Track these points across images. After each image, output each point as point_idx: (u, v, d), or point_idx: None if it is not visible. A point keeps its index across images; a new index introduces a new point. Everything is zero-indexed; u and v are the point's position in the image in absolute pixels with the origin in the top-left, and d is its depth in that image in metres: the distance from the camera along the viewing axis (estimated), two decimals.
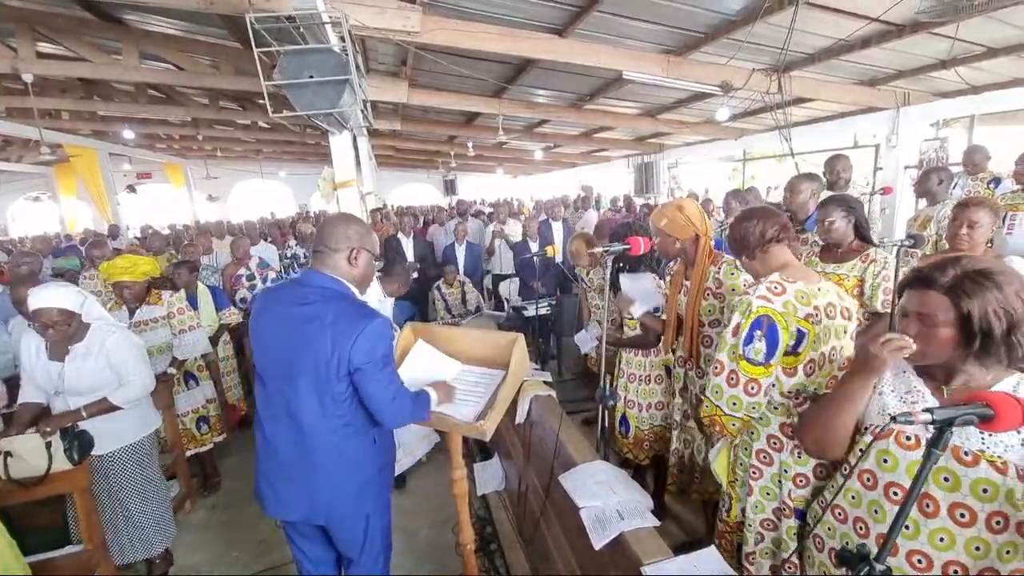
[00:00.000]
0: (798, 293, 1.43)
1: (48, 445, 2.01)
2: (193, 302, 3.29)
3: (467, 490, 1.95)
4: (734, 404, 1.43)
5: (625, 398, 2.55)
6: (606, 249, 1.98)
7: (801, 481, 1.45)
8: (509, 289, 5.48)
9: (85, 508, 2.16)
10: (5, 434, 2.08)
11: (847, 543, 1.24)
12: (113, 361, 2.21)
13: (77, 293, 2.14)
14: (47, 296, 2.05)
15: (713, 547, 1.35)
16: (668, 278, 2.33)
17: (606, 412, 2.00)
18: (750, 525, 1.53)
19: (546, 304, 4.59)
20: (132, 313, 2.85)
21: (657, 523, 1.43)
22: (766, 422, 1.50)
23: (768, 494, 1.51)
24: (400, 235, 5.95)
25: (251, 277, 4.63)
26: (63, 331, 2.10)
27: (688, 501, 2.48)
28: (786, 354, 1.42)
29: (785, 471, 1.46)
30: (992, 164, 4.26)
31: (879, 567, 0.95)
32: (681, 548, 1.37)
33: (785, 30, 3.48)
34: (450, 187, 18.27)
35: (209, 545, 2.77)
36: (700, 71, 4.72)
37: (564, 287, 5.64)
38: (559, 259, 5.84)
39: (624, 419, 2.58)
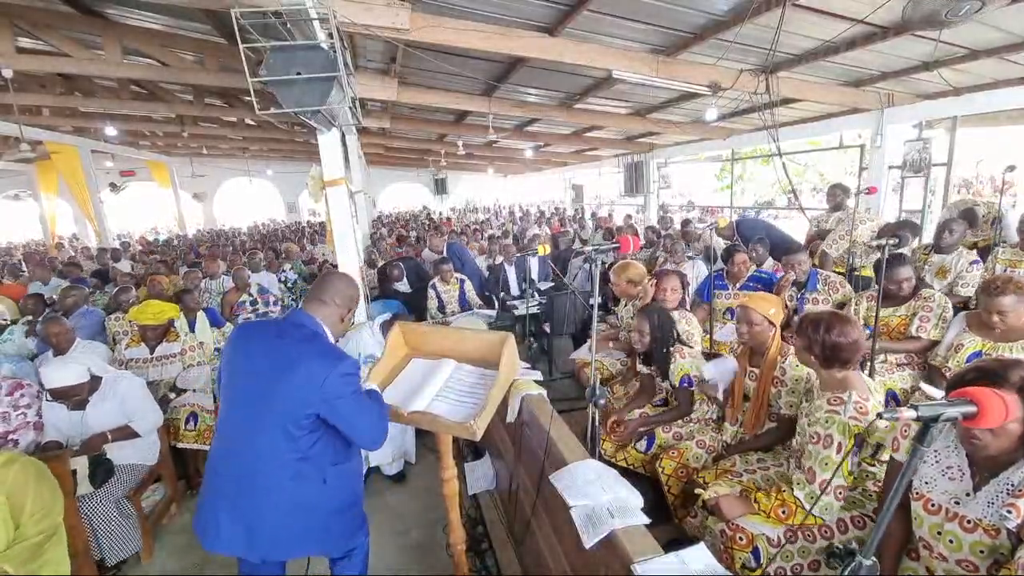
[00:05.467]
0: (872, 409, 1.72)
1: (74, 473, 2.24)
2: (192, 325, 3.74)
3: (458, 490, 1.94)
4: (826, 509, 1.66)
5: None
6: (596, 247, 1.99)
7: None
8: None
9: (67, 513, 2.11)
10: None
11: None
12: (126, 408, 2.59)
13: (80, 367, 2.48)
14: (57, 377, 2.40)
15: (702, 544, 1.36)
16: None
17: (596, 412, 2.00)
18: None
19: (537, 303, 4.59)
20: (153, 349, 3.40)
21: (647, 521, 1.44)
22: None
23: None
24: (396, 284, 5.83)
25: (254, 302, 5.02)
26: (76, 398, 2.49)
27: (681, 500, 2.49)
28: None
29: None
30: (978, 165, 4.34)
31: (866, 562, 0.96)
32: (670, 545, 1.37)
33: (772, 31, 3.51)
34: (440, 186, 18.24)
35: (195, 548, 2.72)
36: (689, 71, 4.75)
37: (556, 286, 5.66)
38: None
39: (651, 437, 2.57)
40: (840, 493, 1.68)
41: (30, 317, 4.26)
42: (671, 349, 2.66)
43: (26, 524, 1.72)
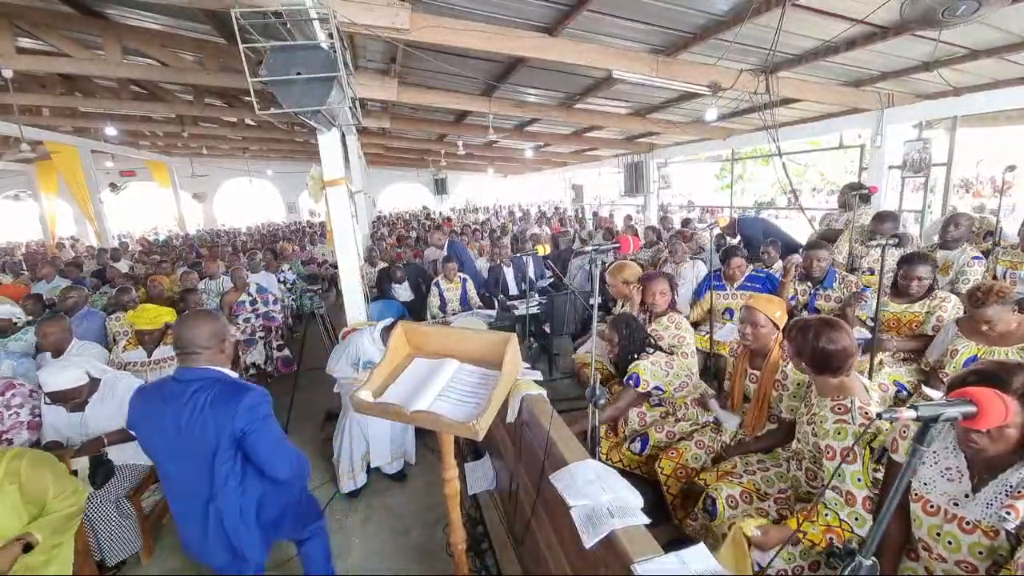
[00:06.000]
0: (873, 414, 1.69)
1: (75, 473, 2.28)
2: None
3: (458, 490, 1.94)
4: (861, 522, 1.61)
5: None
6: (596, 248, 1.99)
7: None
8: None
9: None
10: None
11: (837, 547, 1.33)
12: (126, 409, 2.50)
13: (78, 370, 2.49)
14: (55, 381, 2.42)
15: (702, 544, 1.36)
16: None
17: (596, 412, 2.00)
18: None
19: (536, 303, 4.58)
20: (150, 352, 3.40)
21: (647, 521, 1.44)
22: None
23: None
24: (394, 284, 5.87)
25: (253, 302, 5.05)
26: (75, 401, 2.50)
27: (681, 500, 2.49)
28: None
29: None
30: (978, 165, 4.35)
31: (866, 562, 0.96)
32: (670, 545, 1.38)
33: (772, 31, 3.51)
34: (440, 186, 18.25)
35: None
36: (689, 71, 4.74)
37: (555, 286, 5.66)
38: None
39: (644, 438, 2.56)
40: (867, 504, 1.63)
41: (30, 318, 4.26)
42: (637, 357, 2.64)
43: (52, 503, 1.80)
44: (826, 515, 1.65)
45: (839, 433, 1.67)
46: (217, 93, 7.96)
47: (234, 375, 1.76)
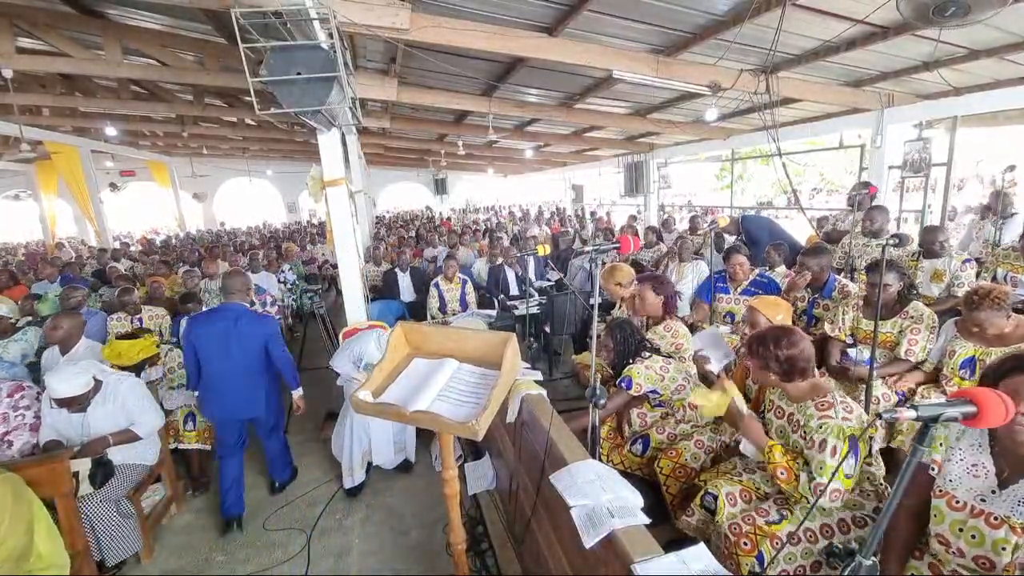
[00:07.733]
0: (856, 408, 1.74)
1: (75, 474, 2.30)
2: None
3: (458, 490, 1.94)
4: (822, 510, 1.69)
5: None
6: (596, 247, 1.99)
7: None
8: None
9: (67, 513, 2.12)
10: None
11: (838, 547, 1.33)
12: (128, 407, 2.64)
13: (85, 376, 2.51)
14: (64, 388, 2.43)
15: (702, 544, 1.36)
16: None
17: (596, 412, 2.00)
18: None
19: (536, 303, 4.58)
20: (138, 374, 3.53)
21: (647, 521, 1.44)
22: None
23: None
24: (397, 270, 6.02)
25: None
26: (80, 406, 2.52)
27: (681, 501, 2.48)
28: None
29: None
30: (978, 165, 4.38)
31: (866, 562, 0.96)
32: (670, 545, 1.37)
33: (773, 31, 3.51)
34: (440, 186, 18.26)
35: (194, 548, 2.73)
36: (689, 71, 4.74)
37: (557, 285, 5.65)
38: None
39: (645, 439, 2.56)
40: (835, 497, 1.65)
41: (29, 318, 4.26)
42: (632, 361, 2.63)
43: None
44: (796, 461, 1.74)
45: (822, 428, 1.71)
46: (217, 93, 7.95)
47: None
